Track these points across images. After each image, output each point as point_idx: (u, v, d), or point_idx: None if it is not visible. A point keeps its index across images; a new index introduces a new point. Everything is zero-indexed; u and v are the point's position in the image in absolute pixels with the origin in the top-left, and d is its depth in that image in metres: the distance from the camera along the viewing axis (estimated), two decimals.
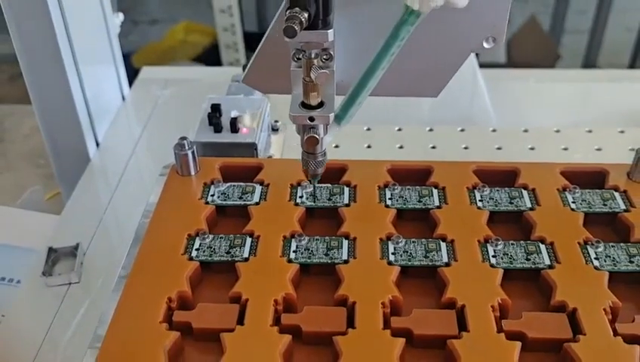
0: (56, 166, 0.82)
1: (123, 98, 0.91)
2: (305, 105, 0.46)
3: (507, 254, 0.51)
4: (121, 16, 0.92)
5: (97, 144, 0.82)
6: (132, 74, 0.98)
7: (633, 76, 0.97)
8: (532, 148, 0.70)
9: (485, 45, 0.48)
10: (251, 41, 1.86)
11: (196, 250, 0.52)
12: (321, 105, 0.46)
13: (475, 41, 0.48)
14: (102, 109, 0.83)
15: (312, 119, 0.46)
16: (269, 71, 0.51)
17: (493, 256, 0.51)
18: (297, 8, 0.41)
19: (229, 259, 0.51)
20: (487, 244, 0.52)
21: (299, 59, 0.45)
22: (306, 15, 0.41)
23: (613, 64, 1.94)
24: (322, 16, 0.42)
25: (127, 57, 1.90)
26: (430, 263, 0.50)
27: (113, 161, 0.78)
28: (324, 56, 0.44)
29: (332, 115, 0.46)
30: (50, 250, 0.63)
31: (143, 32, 2.43)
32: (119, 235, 0.67)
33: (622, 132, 0.72)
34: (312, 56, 0.44)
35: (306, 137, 0.47)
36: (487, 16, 0.47)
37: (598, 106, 0.84)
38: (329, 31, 0.42)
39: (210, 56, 1.89)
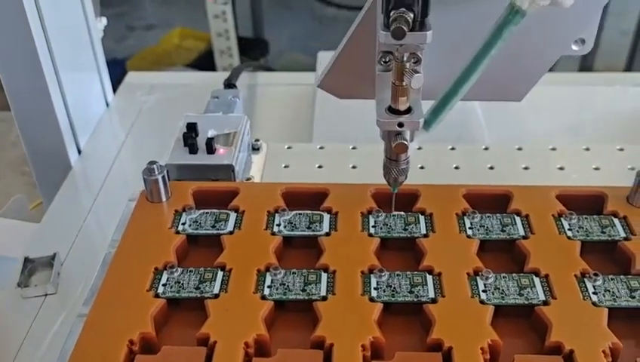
0: (37, 174, 0.80)
1: (107, 104, 0.88)
2: (392, 110, 0.44)
3: (498, 288, 0.47)
4: (104, 21, 0.89)
5: (79, 151, 0.79)
6: None
7: (630, 79, 0.94)
8: (526, 168, 0.67)
9: (574, 47, 0.47)
10: (246, 46, 1.83)
11: (163, 285, 0.48)
12: (408, 110, 0.44)
13: (565, 43, 0.47)
14: (84, 116, 0.81)
15: (400, 125, 0.44)
16: (349, 75, 0.49)
17: (483, 291, 0.47)
18: (403, 8, 0.39)
19: (198, 296, 0.47)
20: (477, 277, 0.48)
21: (385, 62, 0.44)
22: (411, 15, 0.39)
23: (609, 67, 1.91)
24: (420, 17, 0.40)
25: (123, 62, 1.89)
26: (415, 299, 0.47)
27: (95, 169, 0.75)
28: (413, 60, 0.42)
29: (422, 121, 0.44)
30: (27, 260, 0.60)
31: (138, 37, 2.41)
32: (98, 244, 0.63)
33: (621, 150, 0.69)
34: (404, 59, 0.42)
35: (394, 143, 0.45)
36: (580, 17, 0.45)
37: (594, 110, 0.81)
38: (428, 32, 0.40)
39: (205, 62, 1.86)
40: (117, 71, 0.95)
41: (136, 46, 2.19)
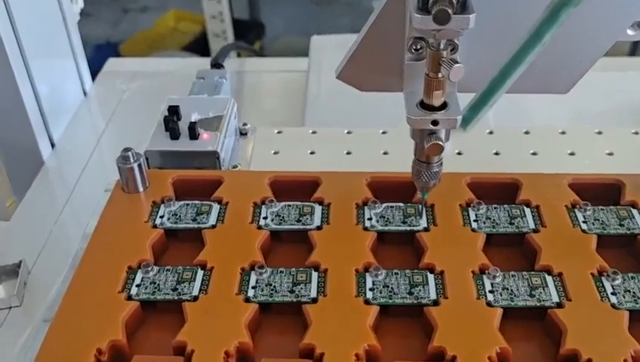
0: (8, 170, 0.74)
1: (85, 93, 0.82)
2: (424, 106, 0.38)
3: (507, 289, 0.43)
4: (80, 4, 0.83)
5: (52, 145, 0.73)
6: None
7: (636, 64, 0.89)
8: (534, 154, 0.62)
9: (630, 32, 0.41)
10: (241, 29, 1.78)
11: (137, 286, 0.43)
12: (443, 106, 0.38)
13: (620, 28, 0.41)
14: (58, 107, 0.75)
15: (435, 123, 0.38)
16: (372, 65, 0.43)
17: (490, 292, 0.43)
18: None
19: (175, 298, 0.43)
20: (484, 276, 0.43)
21: (416, 50, 0.38)
22: None
23: (613, 50, 1.85)
24: None
25: (116, 46, 1.84)
26: (415, 301, 0.42)
27: (70, 164, 0.69)
28: (450, 47, 0.37)
29: (459, 118, 0.38)
30: None
31: (133, 20, 2.35)
32: (71, 249, 0.57)
33: (636, 133, 0.64)
34: (441, 47, 0.36)
35: (428, 144, 0.39)
36: None
37: (601, 96, 0.76)
38: (471, 16, 0.34)
39: (201, 45, 1.81)
40: (111, 55, 0.90)
41: (130, 29, 2.14)
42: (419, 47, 0.39)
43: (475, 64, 0.38)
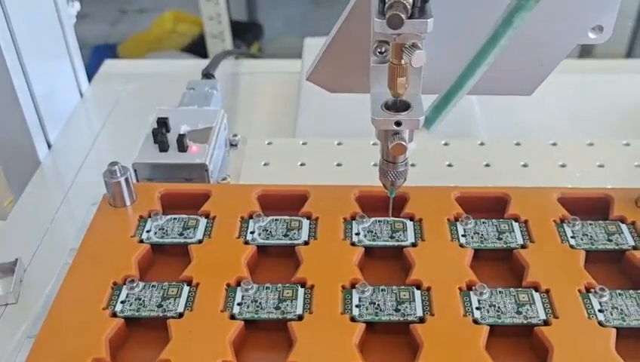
0: (5, 170, 0.74)
1: (81, 95, 0.82)
2: (389, 108, 0.39)
3: (494, 306, 0.42)
4: (77, 6, 0.83)
5: (49, 146, 0.73)
6: None
7: (632, 66, 0.89)
8: (525, 165, 0.61)
9: (591, 36, 0.42)
10: (239, 30, 1.78)
11: (122, 302, 0.43)
12: (407, 107, 0.39)
13: (581, 31, 0.42)
14: (54, 108, 0.75)
15: (398, 123, 0.39)
16: (341, 67, 0.45)
17: (477, 309, 0.42)
18: None
19: (160, 315, 0.42)
20: (471, 293, 0.43)
21: (381, 53, 0.39)
22: (410, 1, 0.34)
23: (610, 52, 1.86)
24: (421, 3, 0.35)
25: (114, 47, 1.84)
26: (401, 318, 0.42)
27: (66, 164, 0.69)
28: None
29: (422, 119, 0.39)
30: None
31: (131, 20, 2.35)
32: (66, 248, 0.57)
33: (627, 145, 0.63)
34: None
35: (391, 144, 0.40)
36: (598, 1, 0.41)
37: (595, 99, 0.76)
38: (429, 20, 0.35)
39: (200, 47, 1.81)
40: (109, 56, 0.89)
41: (129, 30, 2.14)
42: (383, 50, 0.39)
43: (440, 66, 0.39)
